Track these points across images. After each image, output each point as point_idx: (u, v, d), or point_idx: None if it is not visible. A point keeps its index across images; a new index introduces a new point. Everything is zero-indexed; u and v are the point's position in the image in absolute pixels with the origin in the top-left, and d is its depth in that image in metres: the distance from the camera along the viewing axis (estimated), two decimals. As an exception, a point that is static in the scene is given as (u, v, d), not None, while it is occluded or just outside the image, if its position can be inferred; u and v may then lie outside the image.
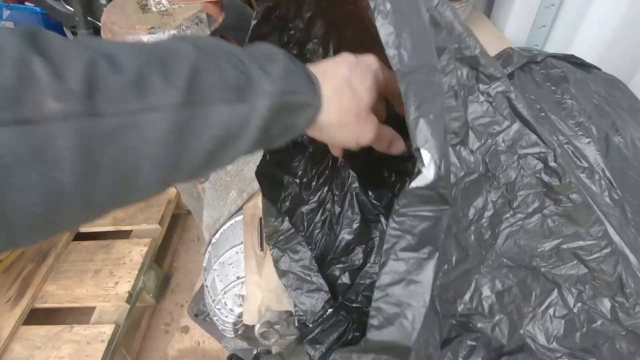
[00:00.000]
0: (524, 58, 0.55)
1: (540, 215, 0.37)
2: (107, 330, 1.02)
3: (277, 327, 0.55)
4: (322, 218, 0.48)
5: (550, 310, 0.38)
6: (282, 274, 0.44)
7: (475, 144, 0.35)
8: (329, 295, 0.42)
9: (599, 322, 0.38)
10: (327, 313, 0.42)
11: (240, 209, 0.56)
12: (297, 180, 0.48)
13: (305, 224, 0.48)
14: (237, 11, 1.25)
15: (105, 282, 1.11)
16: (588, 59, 0.59)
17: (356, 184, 0.49)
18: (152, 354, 1.20)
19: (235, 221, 0.55)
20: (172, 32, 0.82)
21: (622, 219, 0.45)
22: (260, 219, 0.55)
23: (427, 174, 0.25)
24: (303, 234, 0.47)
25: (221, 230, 0.56)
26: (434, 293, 0.32)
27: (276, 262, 0.43)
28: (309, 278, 0.42)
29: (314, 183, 0.49)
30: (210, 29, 0.87)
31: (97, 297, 1.08)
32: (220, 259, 0.53)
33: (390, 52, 0.26)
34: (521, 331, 0.38)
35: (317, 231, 0.48)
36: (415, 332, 0.26)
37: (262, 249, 0.52)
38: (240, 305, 0.52)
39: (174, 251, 1.42)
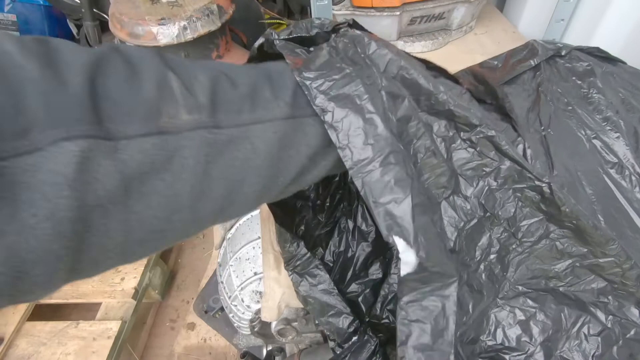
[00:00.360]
0: (550, 51, 0.54)
1: (548, 240, 0.36)
2: (113, 326, 1.01)
3: (294, 324, 0.54)
4: (339, 237, 0.47)
5: (584, 329, 0.37)
6: (303, 299, 0.43)
7: (468, 189, 0.35)
8: (352, 317, 0.41)
9: (632, 332, 0.37)
10: (353, 338, 0.41)
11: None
12: (310, 204, 0.47)
13: (323, 244, 0.47)
14: (244, 4, 1.23)
15: (111, 278, 1.09)
16: (609, 52, 0.58)
17: None
18: (158, 350, 1.19)
19: (252, 216, 0.54)
20: (183, 23, 0.80)
21: (653, 216, 0.43)
22: (278, 214, 0.54)
23: (408, 259, 0.24)
24: (321, 256, 0.46)
25: (237, 225, 0.55)
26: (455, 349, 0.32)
27: (296, 287, 0.42)
28: (330, 302, 0.41)
29: (327, 204, 0.47)
30: (221, 20, 0.85)
31: (103, 293, 1.07)
32: (236, 255, 0.52)
33: (340, 152, 0.26)
34: (557, 353, 0.37)
35: (334, 250, 0.47)
36: None
37: (280, 245, 0.51)
38: (258, 301, 0.51)
39: (179, 248, 1.41)
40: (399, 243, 0.25)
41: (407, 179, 0.26)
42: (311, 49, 0.33)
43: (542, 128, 0.47)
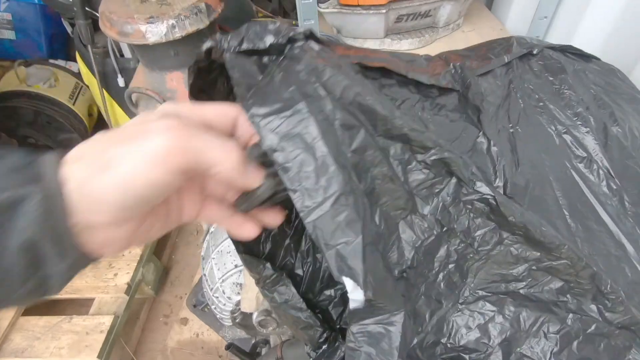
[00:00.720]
0: (523, 49, 0.55)
1: (502, 246, 0.38)
2: (106, 321, 1.02)
3: (274, 315, 0.55)
4: (306, 247, 0.48)
5: (544, 328, 0.39)
6: (276, 312, 0.44)
7: (424, 208, 0.36)
8: (322, 329, 0.42)
9: (592, 327, 0.38)
10: (324, 347, 0.42)
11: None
12: None
13: (292, 253, 0.47)
14: (237, 3, 1.24)
15: (105, 273, 1.11)
16: (590, 49, 0.59)
17: None
18: (151, 345, 1.21)
19: (233, 210, 0.55)
20: (171, 21, 0.82)
21: (620, 209, 0.44)
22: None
23: (356, 297, 0.25)
24: (291, 266, 0.47)
25: (219, 219, 0.56)
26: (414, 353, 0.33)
27: (268, 301, 0.43)
28: (300, 317, 0.42)
29: (293, 215, 0.47)
30: (210, 19, 0.86)
31: (97, 289, 1.09)
32: (218, 248, 0.53)
33: (290, 194, 0.26)
34: (518, 350, 0.38)
35: (302, 260, 0.47)
36: None
37: (259, 238, 0.52)
38: (238, 293, 0.52)
39: (173, 244, 1.43)
40: (348, 283, 0.25)
41: (358, 220, 0.26)
42: (264, 59, 0.32)
43: (510, 125, 0.48)
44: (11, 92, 1.44)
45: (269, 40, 0.31)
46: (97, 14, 1.17)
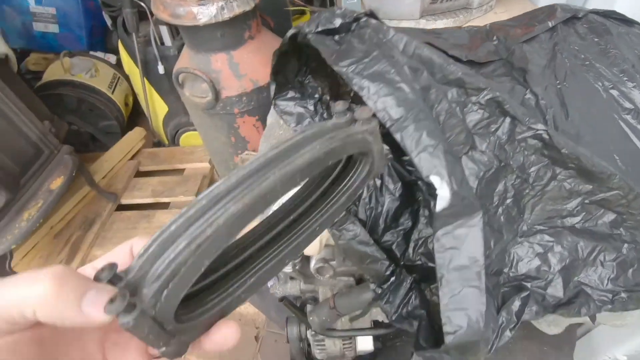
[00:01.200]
0: (567, 13, 0.58)
1: (556, 181, 0.41)
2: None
3: (332, 262, 0.59)
4: (368, 195, 0.52)
5: (600, 257, 0.42)
6: (344, 251, 0.47)
7: (482, 144, 0.40)
8: (388, 262, 0.45)
9: None
10: (391, 279, 0.46)
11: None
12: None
13: (356, 202, 0.51)
14: (272, -8, 1.29)
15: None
16: (630, 15, 0.61)
17: (391, 155, 0.52)
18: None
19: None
20: (220, 3, 0.87)
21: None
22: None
23: (443, 194, 0.30)
24: (355, 212, 0.51)
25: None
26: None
27: (336, 240, 0.47)
28: (367, 252, 0.45)
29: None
30: (254, 1, 0.91)
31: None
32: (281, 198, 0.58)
33: (379, 115, 0.32)
34: (575, 279, 0.42)
35: (366, 206, 0.51)
36: (481, 328, 0.30)
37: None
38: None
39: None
40: (436, 181, 0.30)
41: (436, 130, 0.32)
42: (335, 37, 0.40)
43: (557, 82, 0.51)
44: (57, 81, 1.52)
45: (338, 21, 0.39)
46: (142, 4, 1.24)
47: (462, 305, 0.30)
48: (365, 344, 0.82)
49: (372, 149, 0.24)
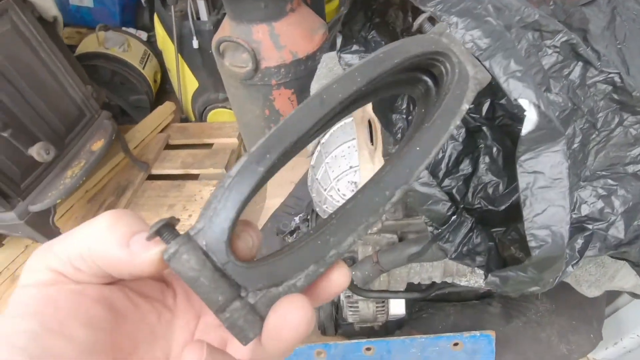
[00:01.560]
0: (625, -19, 0.59)
1: (622, 127, 0.42)
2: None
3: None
4: None
5: None
6: (406, 193, 0.49)
7: (556, 87, 0.41)
8: (450, 203, 0.47)
9: None
10: (452, 218, 0.48)
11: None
12: (404, 116, 0.54)
13: None
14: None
15: (180, 214, 1.20)
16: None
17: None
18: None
19: (345, 123, 0.61)
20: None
21: None
22: (369, 119, 0.61)
23: (530, 116, 0.31)
24: None
25: (330, 131, 0.63)
26: None
27: None
28: (429, 192, 0.47)
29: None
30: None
31: (173, 227, 1.18)
32: (332, 154, 0.60)
33: (468, 46, 0.33)
34: (636, 223, 0.43)
35: None
36: (565, 244, 0.32)
37: (372, 144, 0.58)
38: (352, 190, 0.58)
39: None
40: (524, 103, 0.32)
41: (523, 58, 0.34)
42: None
43: (618, 42, 0.52)
44: (92, 53, 1.56)
45: None
46: (181, -23, 1.27)
47: (546, 223, 0.32)
48: (397, 308, 0.84)
49: (450, 47, 0.23)
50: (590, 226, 0.43)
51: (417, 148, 0.19)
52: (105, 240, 0.17)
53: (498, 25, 0.35)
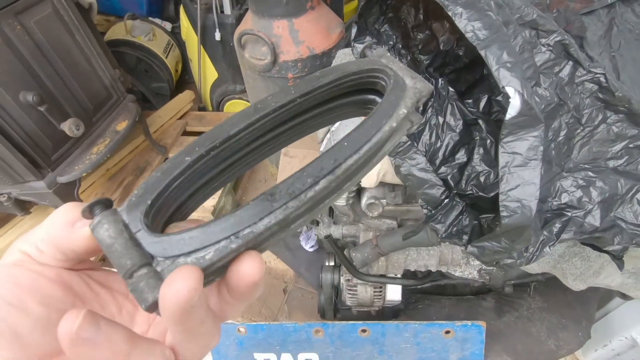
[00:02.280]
0: (626, -7, 0.62)
1: (605, 125, 0.46)
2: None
3: (382, 200, 0.66)
4: (429, 132, 0.58)
5: (638, 196, 0.47)
6: (404, 178, 0.54)
7: (546, 82, 0.45)
8: (444, 188, 0.52)
9: None
10: (445, 202, 0.52)
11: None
12: None
13: (417, 139, 0.58)
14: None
15: (193, 197, 1.27)
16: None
17: (456, 96, 0.59)
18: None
19: (354, 113, 0.66)
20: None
21: None
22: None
23: (514, 102, 0.36)
24: (416, 145, 0.57)
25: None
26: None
27: (398, 168, 0.53)
28: (426, 178, 0.52)
29: (420, 109, 0.58)
30: (322, -28, 0.98)
31: (186, 208, 1.25)
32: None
33: (468, 35, 0.37)
34: (612, 214, 0.47)
35: (425, 141, 0.58)
36: (532, 215, 0.36)
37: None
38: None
39: (244, 187, 1.57)
40: (510, 90, 0.36)
41: (516, 52, 0.38)
42: None
43: (612, 50, 0.56)
44: (119, 40, 1.64)
45: None
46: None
47: (518, 197, 0.36)
48: (394, 293, 0.88)
49: (387, 65, 0.23)
50: (569, 213, 0.47)
51: (345, 143, 0.19)
52: (58, 223, 0.19)
53: (497, 20, 0.40)
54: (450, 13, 0.39)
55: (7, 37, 0.84)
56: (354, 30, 0.56)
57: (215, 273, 0.17)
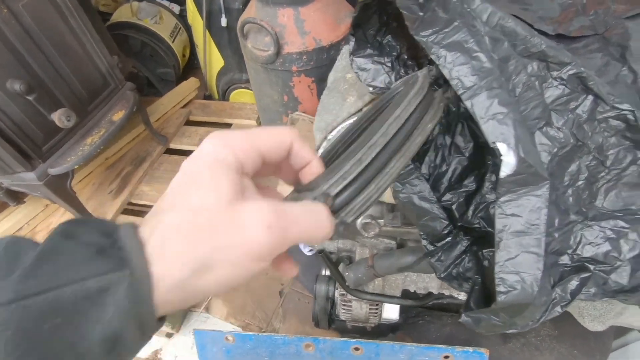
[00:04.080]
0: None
1: (636, 167, 0.38)
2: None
3: (380, 220, 0.59)
4: (434, 153, 0.51)
5: None
6: (403, 205, 0.47)
7: (559, 121, 0.38)
8: (447, 222, 0.45)
9: None
10: (447, 239, 0.45)
11: (360, 110, 0.60)
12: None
13: (420, 159, 0.50)
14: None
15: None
16: None
17: (467, 114, 0.51)
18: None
19: (350, 122, 0.59)
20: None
21: None
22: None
23: (508, 160, 0.30)
24: (418, 168, 0.50)
25: (338, 128, 0.61)
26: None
27: (397, 193, 0.46)
28: (427, 208, 0.45)
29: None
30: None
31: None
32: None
33: (453, 82, 0.32)
34: None
35: (430, 164, 0.50)
36: (534, 293, 0.30)
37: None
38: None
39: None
40: (502, 147, 0.30)
41: (509, 99, 0.32)
42: (420, 0, 0.40)
43: None
44: (124, 23, 1.58)
45: None
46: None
47: (517, 269, 0.30)
48: (391, 312, 0.83)
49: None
50: (591, 267, 0.40)
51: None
52: (321, 233, 0.22)
53: (489, 62, 0.33)
54: (434, 57, 0.32)
55: (-8, 21, 0.79)
56: (352, 43, 0.49)
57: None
